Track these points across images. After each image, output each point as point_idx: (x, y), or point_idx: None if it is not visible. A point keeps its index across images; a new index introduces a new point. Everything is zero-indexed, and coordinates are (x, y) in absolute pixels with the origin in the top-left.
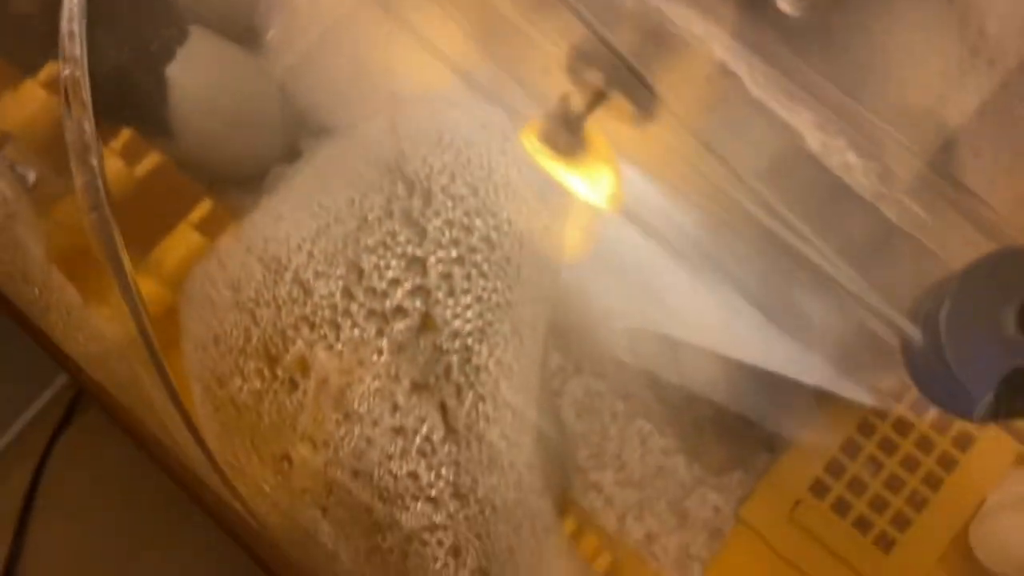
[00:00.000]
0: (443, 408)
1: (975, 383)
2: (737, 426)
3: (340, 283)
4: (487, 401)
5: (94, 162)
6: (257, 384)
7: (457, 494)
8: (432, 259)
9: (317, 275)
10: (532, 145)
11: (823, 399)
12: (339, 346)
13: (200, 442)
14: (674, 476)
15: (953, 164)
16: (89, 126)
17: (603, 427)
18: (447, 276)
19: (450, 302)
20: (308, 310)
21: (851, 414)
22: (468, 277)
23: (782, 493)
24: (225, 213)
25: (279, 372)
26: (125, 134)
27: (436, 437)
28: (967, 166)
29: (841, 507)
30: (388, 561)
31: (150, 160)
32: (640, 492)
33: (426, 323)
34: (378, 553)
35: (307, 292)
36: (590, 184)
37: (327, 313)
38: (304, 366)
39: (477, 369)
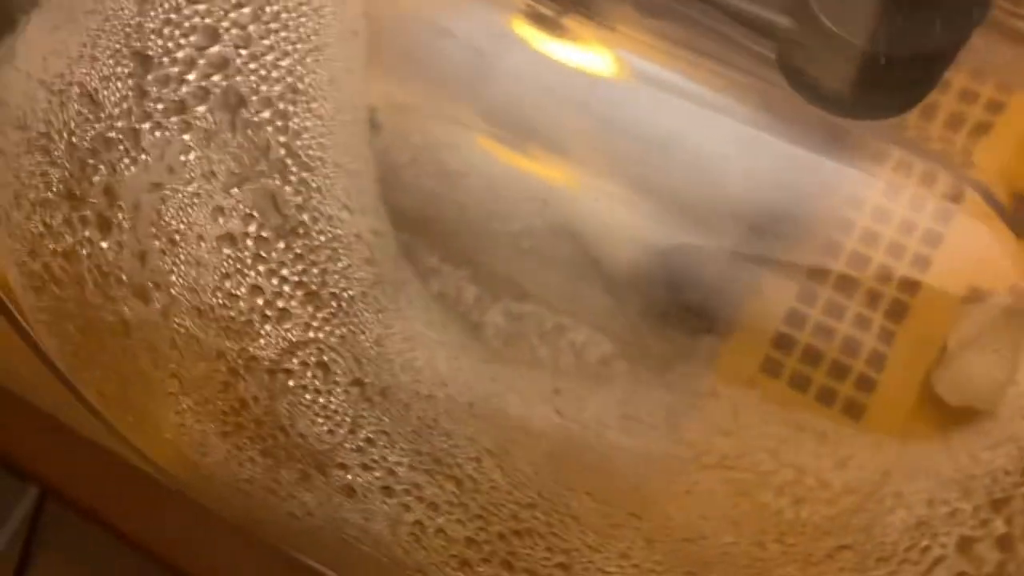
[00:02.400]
0: (269, 194)
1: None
2: (672, 315)
3: (130, 80)
4: (316, 170)
5: None
6: (68, 238)
7: (308, 294)
8: (224, 23)
9: (104, 80)
10: None
11: (757, 270)
12: (143, 157)
13: (66, 383)
14: (617, 383)
15: None
16: None
17: (532, 349)
18: (245, 38)
19: (253, 66)
20: (102, 125)
21: (788, 283)
22: (267, 33)
23: (734, 378)
24: None
25: (87, 213)
26: None
27: (268, 232)
28: None
29: (800, 382)
30: (258, 415)
31: None
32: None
33: (232, 100)
34: (246, 409)
35: (97, 104)
36: None
37: (122, 122)
38: (112, 195)
39: (297, 134)
